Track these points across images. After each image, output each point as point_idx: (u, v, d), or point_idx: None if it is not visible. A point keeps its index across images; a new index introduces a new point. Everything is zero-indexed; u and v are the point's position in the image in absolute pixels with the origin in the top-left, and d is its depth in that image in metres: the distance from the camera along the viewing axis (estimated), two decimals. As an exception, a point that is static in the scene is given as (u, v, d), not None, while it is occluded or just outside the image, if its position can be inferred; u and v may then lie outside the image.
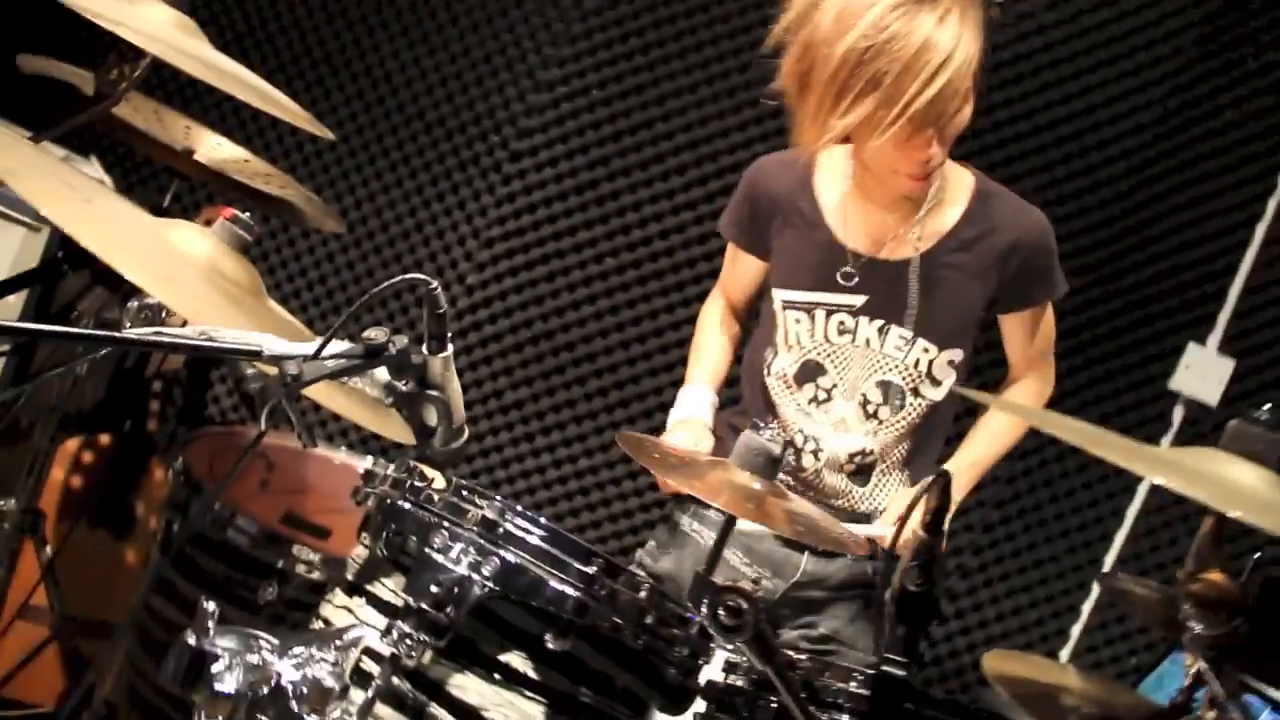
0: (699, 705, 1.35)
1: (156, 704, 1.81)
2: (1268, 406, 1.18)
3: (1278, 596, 1.32)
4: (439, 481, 1.35)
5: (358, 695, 1.20)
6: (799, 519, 1.26)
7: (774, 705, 1.26)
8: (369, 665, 1.23)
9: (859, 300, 1.89)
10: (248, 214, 1.67)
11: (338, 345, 1.28)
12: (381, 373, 1.30)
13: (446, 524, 1.27)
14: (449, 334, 1.29)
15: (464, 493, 1.31)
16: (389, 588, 1.29)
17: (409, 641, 1.21)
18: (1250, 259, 2.81)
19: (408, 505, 1.30)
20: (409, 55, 3.09)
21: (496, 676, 1.24)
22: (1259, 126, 2.78)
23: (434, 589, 1.23)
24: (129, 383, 2.90)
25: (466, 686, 1.24)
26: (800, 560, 1.92)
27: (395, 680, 1.22)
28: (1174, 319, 2.84)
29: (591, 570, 1.27)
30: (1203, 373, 2.80)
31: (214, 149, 2.43)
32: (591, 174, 2.97)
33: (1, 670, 2.48)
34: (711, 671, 1.36)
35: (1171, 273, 2.84)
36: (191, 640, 1.15)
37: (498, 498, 1.31)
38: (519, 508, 1.30)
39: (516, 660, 1.25)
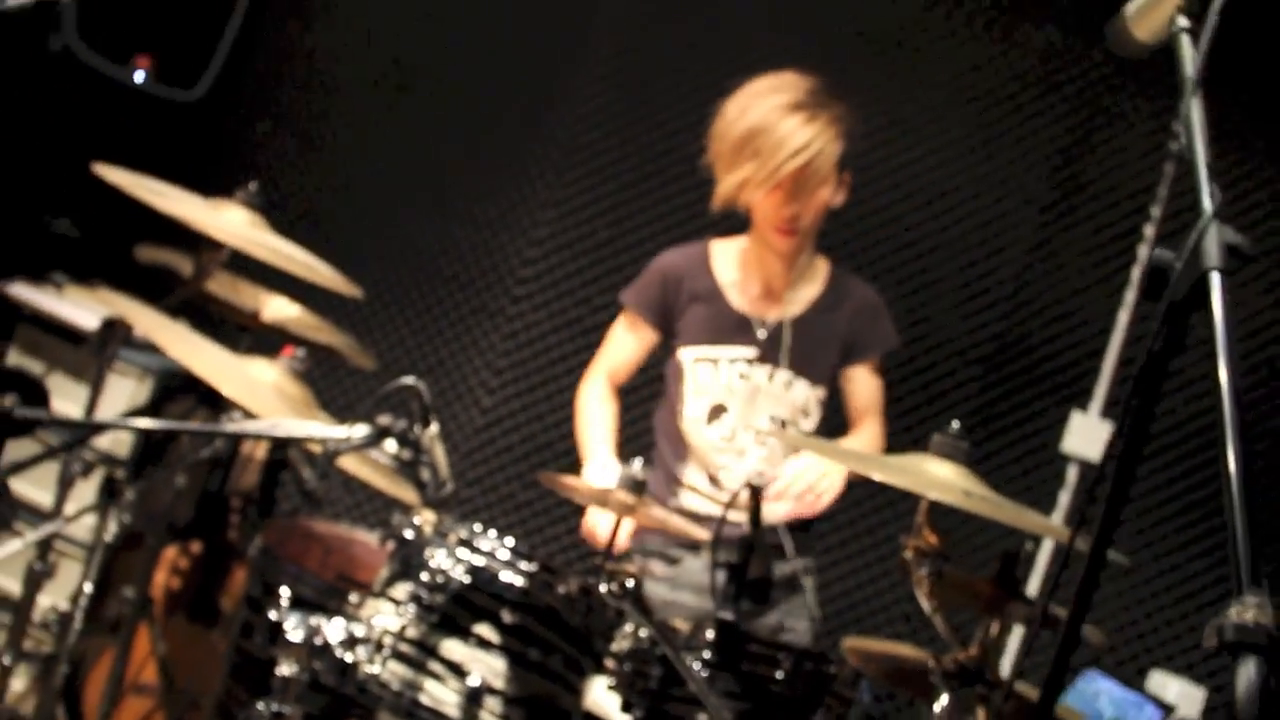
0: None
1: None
2: (956, 423, 1.80)
3: (1013, 568, 1.92)
4: (431, 519, 1.99)
5: (377, 656, 1.82)
6: (654, 518, 1.88)
7: (660, 655, 1.86)
8: (387, 639, 1.85)
9: (753, 352, 2.57)
10: (302, 352, 2.38)
11: (360, 429, 1.95)
12: (390, 445, 1.96)
13: (434, 542, 1.91)
14: (432, 418, 1.95)
15: (448, 524, 1.95)
16: (399, 591, 1.92)
17: (410, 618, 1.84)
18: (1119, 338, 3.41)
19: (410, 534, 1.95)
20: (428, 224, 3.82)
21: (471, 641, 1.86)
22: (1118, 230, 3.42)
23: (425, 582, 1.86)
24: (213, 501, 3.58)
25: (452, 648, 1.85)
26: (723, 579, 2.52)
27: (401, 645, 1.84)
28: (1059, 394, 3.44)
29: (533, 569, 1.90)
30: (1087, 435, 3.37)
31: (277, 310, 3.14)
32: (578, 310, 3.67)
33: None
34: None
35: (1053, 356, 3.45)
36: (273, 615, 1.79)
37: (472, 526, 1.94)
38: (482, 531, 1.93)
39: (484, 629, 1.86)
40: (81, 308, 3.19)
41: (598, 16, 3.71)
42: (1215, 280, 1.21)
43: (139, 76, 3.37)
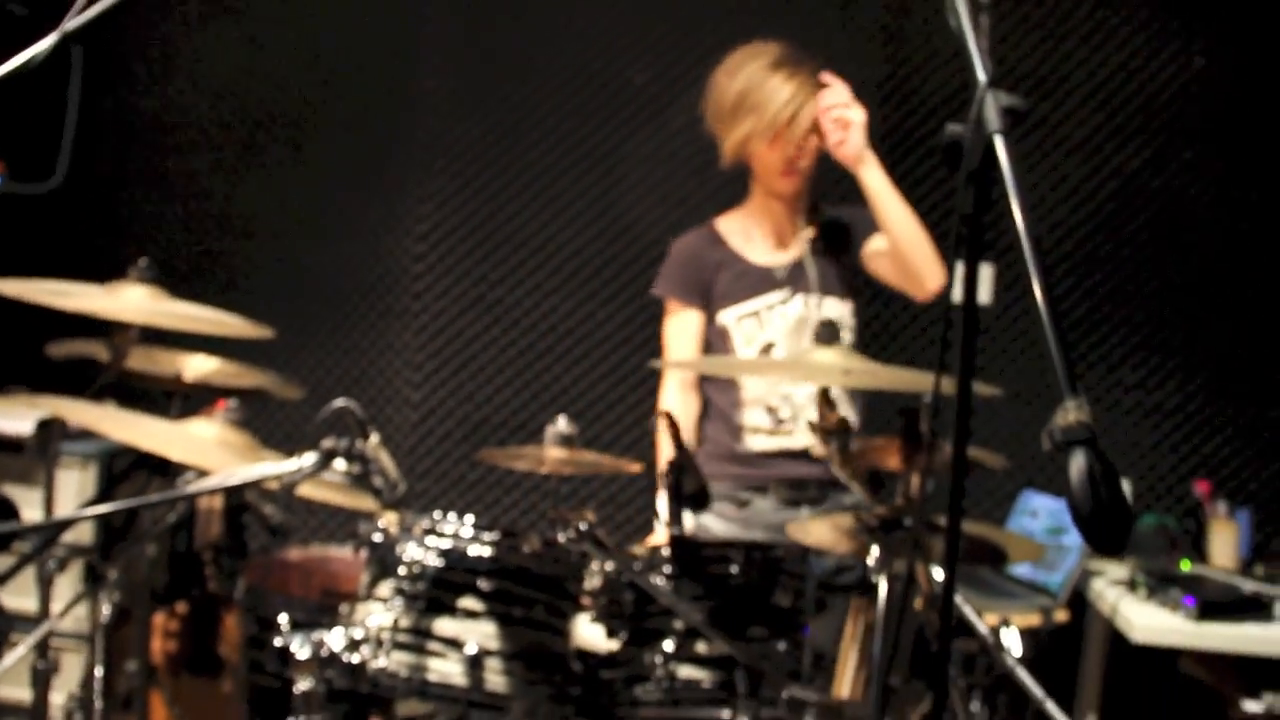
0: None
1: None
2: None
3: (915, 423, 2.13)
4: (394, 518, 2.15)
5: (380, 651, 2.00)
6: (584, 464, 2.08)
7: (629, 582, 2.06)
8: (384, 633, 2.03)
9: (785, 292, 2.82)
10: (234, 401, 2.51)
11: (308, 457, 2.10)
12: (339, 464, 2.12)
13: (402, 538, 2.08)
14: (370, 429, 2.10)
15: (410, 519, 2.12)
16: (383, 589, 2.09)
17: (400, 610, 2.02)
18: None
19: (379, 537, 2.12)
20: (316, 248, 3.91)
21: (459, 614, 2.04)
22: (952, 87, 3.64)
23: (404, 575, 2.04)
24: (185, 560, 3.70)
25: (444, 626, 2.03)
26: (794, 516, 2.72)
27: (399, 636, 2.02)
28: (940, 243, 3.67)
29: (496, 538, 2.08)
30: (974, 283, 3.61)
31: (197, 368, 3.24)
32: (478, 289, 3.82)
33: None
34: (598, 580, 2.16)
35: (925, 215, 3.67)
36: (278, 641, 1.96)
37: (431, 515, 2.11)
38: (443, 516, 2.10)
39: (469, 601, 2.05)
40: (10, 417, 3.28)
41: (426, 8, 3.82)
42: (999, 143, 1.41)
43: (-4, 182, 3.42)
